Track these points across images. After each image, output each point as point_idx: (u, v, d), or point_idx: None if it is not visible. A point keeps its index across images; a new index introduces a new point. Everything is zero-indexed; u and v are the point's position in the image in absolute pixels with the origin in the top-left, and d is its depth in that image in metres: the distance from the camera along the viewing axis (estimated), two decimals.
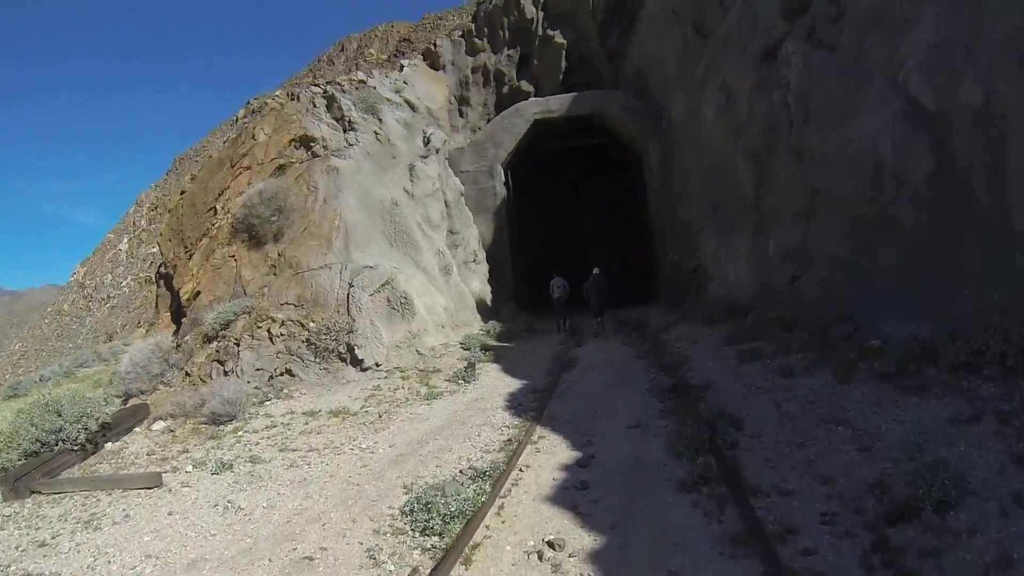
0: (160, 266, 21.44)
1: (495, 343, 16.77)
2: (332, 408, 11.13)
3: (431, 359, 13.90)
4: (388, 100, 21.22)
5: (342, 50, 71.29)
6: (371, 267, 14.87)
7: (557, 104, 24.99)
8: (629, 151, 26.27)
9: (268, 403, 12.50)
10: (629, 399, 9.94)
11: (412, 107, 22.30)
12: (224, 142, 40.52)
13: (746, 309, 14.02)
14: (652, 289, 26.30)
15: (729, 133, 17.46)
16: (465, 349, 15.09)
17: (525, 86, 29.47)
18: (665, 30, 23.33)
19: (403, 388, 12.09)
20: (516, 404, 10.37)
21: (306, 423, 10.53)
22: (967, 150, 9.08)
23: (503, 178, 24.97)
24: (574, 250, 33.51)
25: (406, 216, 17.54)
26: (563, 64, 29.12)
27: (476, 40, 29.65)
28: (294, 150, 18.08)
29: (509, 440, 8.57)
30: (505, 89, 29.56)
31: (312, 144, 17.96)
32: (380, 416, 10.47)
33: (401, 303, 14.27)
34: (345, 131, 19.13)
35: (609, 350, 14.83)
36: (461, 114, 29.23)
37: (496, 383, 12.28)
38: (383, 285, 14.22)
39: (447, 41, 29.91)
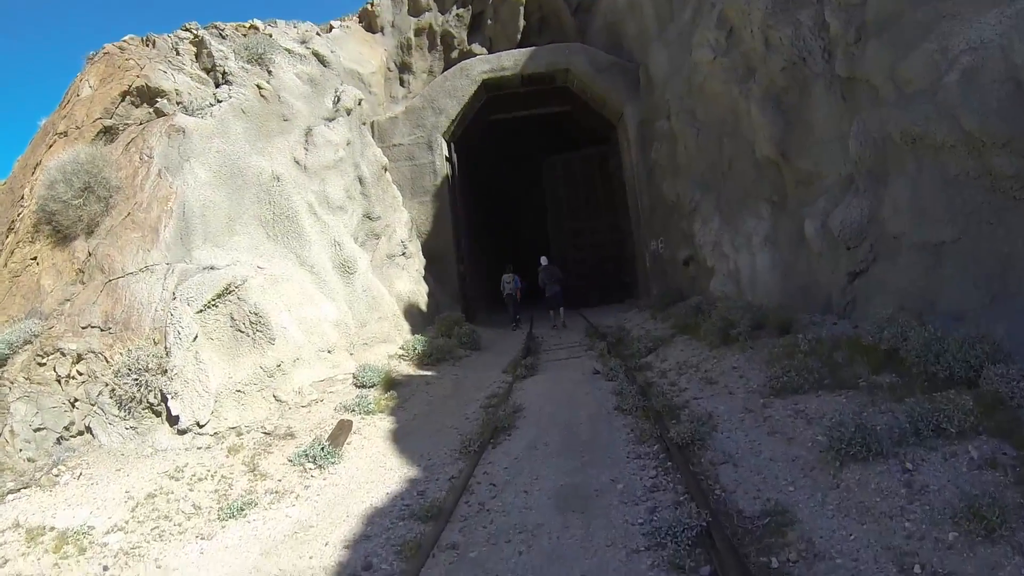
0: None
1: (413, 371, 11.96)
2: (68, 527, 6.21)
3: (293, 411, 8.99)
4: (288, 51, 16.21)
5: None
6: (212, 268, 9.96)
7: (511, 61, 20.15)
8: (600, 119, 21.54)
9: (23, 493, 7.59)
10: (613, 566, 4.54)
11: (323, 62, 17.30)
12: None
13: (779, 321, 9.33)
14: (632, 285, 21.66)
15: (733, 77, 12.89)
16: (358, 387, 10.27)
17: (477, 49, 24.48)
18: None
19: (213, 478, 7.18)
20: (367, 557, 5.22)
21: (3, 561, 5.65)
22: None
23: (445, 152, 20.11)
24: (536, 240, 28.92)
25: (290, 195, 12.62)
26: (521, 23, 24.14)
27: None
28: (131, 108, 13.03)
29: None
30: (454, 54, 24.56)
31: (158, 100, 12.94)
32: (119, 564, 5.57)
33: (251, 322, 9.37)
34: (217, 85, 14.15)
35: (571, 386, 9.90)
36: (402, 83, 24.19)
37: (367, 472, 7.24)
38: (219, 296, 9.29)
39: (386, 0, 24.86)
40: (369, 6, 24.60)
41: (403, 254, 16.84)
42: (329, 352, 10.98)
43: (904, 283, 7.79)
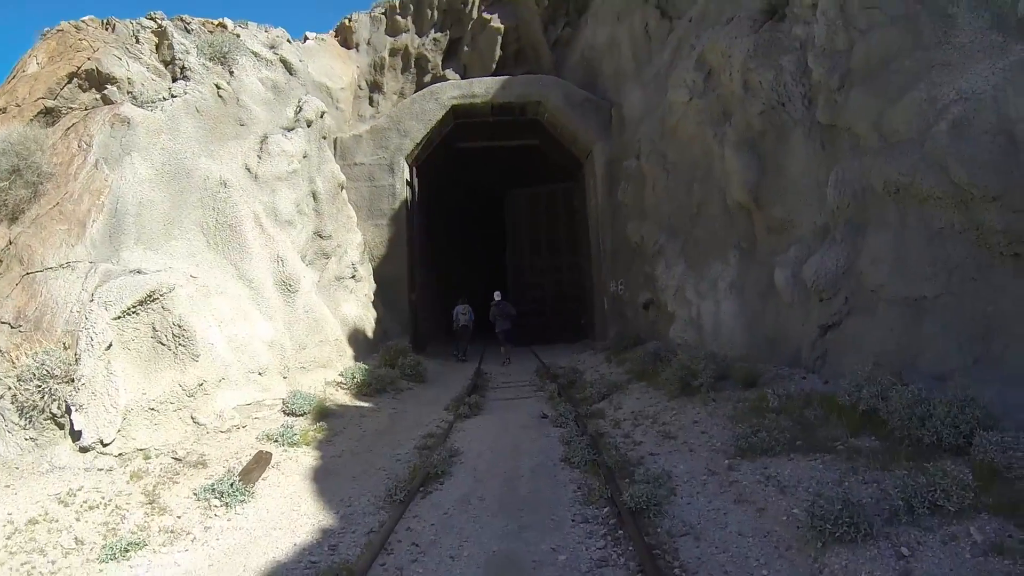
0: None
1: (349, 401, 11.09)
2: None
3: (210, 436, 8.02)
4: (254, 54, 15.43)
5: None
6: (138, 272, 9.02)
7: (482, 88, 19.68)
8: (568, 155, 21.15)
9: None
10: None
11: (290, 70, 16.52)
12: None
13: (744, 373, 8.76)
14: (589, 327, 21.08)
15: (708, 120, 12.58)
16: (287, 414, 9.36)
17: (451, 75, 24.04)
18: (622, 14, 18.55)
19: (106, 508, 6.20)
20: None
21: None
22: None
23: (406, 175, 19.44)
24: (495, 274, 28.39)
25: (236, 204, 11.75)
26: (497, 53, 23.82)
27: (399, 18, 24.18)
28: (77, 91, 12.10)
29: None
30: (427, 78, 24.08)
31: (108, 86, 12.04)
32: None
33: (175, 335, 8.41)
34: (174, 80, 13.30)
35: (517, 431, 9.12)
36: (371, 102, 23.59)
37: (278, 516, 6.39)
38: (141, 303, 8.34)
39: (365, 16, 24.34)
40: (346, 21, 24.09)
41: (353, 277, 15.99)
42: (260, 374, 10.04)
43: (881, 339, 7.28)
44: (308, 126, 14.86)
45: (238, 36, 15.58)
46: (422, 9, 24.32)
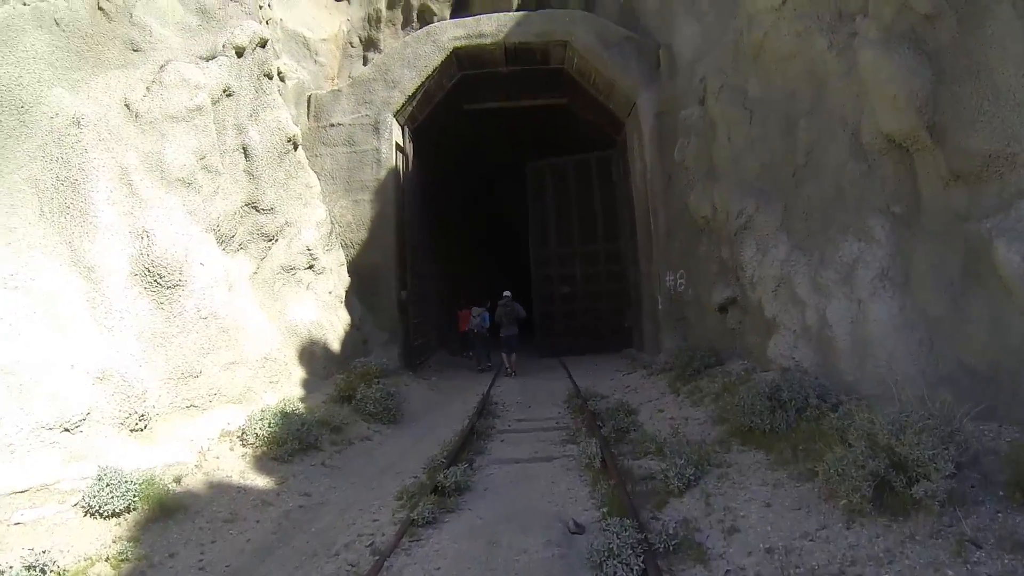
0: None
1: (235, 476, 6.57)
2: None
3: None
4: None
5: None
6: None
7: (492, 26, 15.12)
8: (605, 113, 16.51)
9: None
10: None
11: None
12: None
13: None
14: (634, 333, 16.49)
15: (815, 26, 8.69)
16: (88, 513, 4.96)
17: None
18: None
19: None
20: None
21: None
22: None
23: (396, 137, 15.01)
24: (515, 265, 23.96)
25: (88, 151, 7.53)
26: (516, 2, 19.35)
27: None
28: None
29: None
30: None
31: None
32: None
33: None
34: None
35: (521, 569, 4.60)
36: (365, 62, 19.24)
37: None
38: None
39: None
40: None
41: (310, 267, 11.63)
42: (68, 430, 5.68)
43: None
44: (238, 56, 10.48)
45: None
46: None
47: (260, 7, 13.48)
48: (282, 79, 14.09)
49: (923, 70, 6.62)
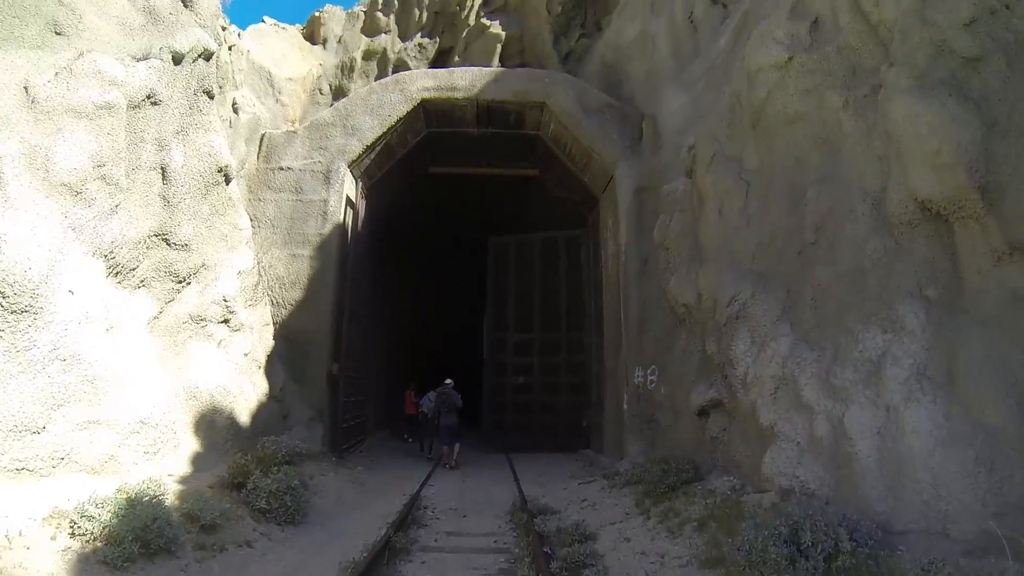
0: None
1: None
2: None
3: None
4: None
5: None
6: None
7: (466, 80, 13.94)
8: (578, 188, 15.25)
9: None
10: None
11: (187, 2, 10.44)
12: None
13: None
14: (594, 433, 14.68)
15: (827, 82, 7.69)
16: None
17: None
18: (657, 4, 13.61)
19: None
20: None
21: None
22: None
23: (348, 189, 13.46)
24: (468, 345, 22.32)
25: None
26: (495, 64, 18.49)
27: (379, 15, 19.14)
28: None
29: None
30: None
31: None
32: None
33: None
34: None
35: None
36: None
37: None
38: None
39: (338, 10, 19.22)
40: (317, 13, 18.89)
41: (225, 321, 9.76)
42: None
43: None
44: (175, 63, 8.94)
45: None
46: (409, 8, 19.38)
47: (223, 28, 12.17)
48: (235, 111, 12.65)
49: (971, 120, 5.44)
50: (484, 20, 19.22)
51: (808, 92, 7.74)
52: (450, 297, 27.21)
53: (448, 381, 14.39)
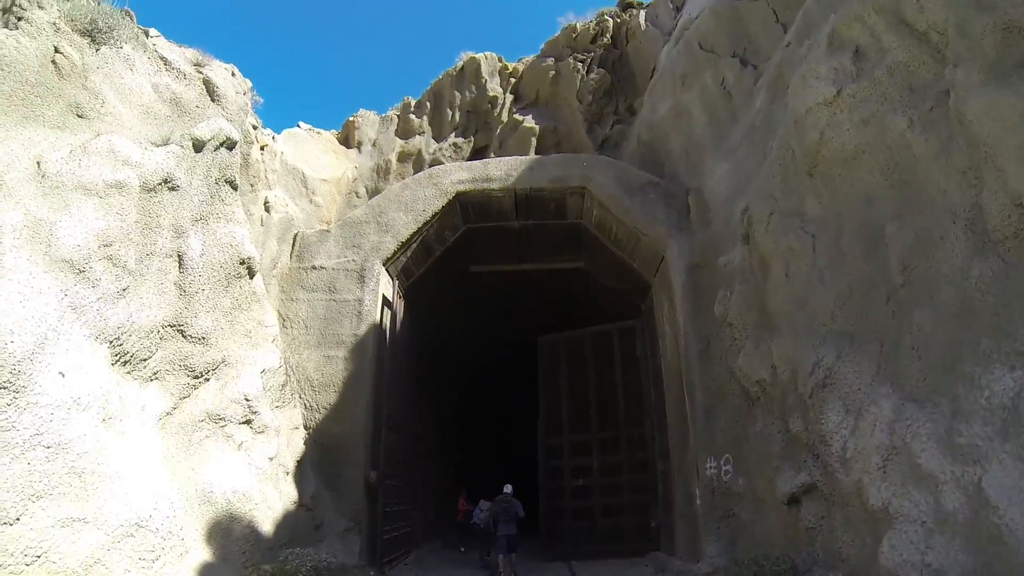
0: None
1: None
2: None
3: None
4: (162, 59, 9.53)
5: None
6: None
7: (501, 170, 13.59)
8: (628, 275, 14.43)
9: None
10: None
11: (213, 94, 10.41)
12: None
13: None
14: (663, 533, 13.10)
15: (886, 107, 6.55)
16: None
17: None
18: (688, 77, 13.12)
19: None
20: None
21: None
22: None
23: (384, 288, 12.90)
24: (521, 450, 21.07)
25: None
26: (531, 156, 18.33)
27: (413, 117, 19.35)
28: None
29: None
30: None
31: None
32: None
33: None
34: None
35: None
36: None
37: None
38: None
39: (372, 115, 19.62)
40: (352, 118, 19.25)
41: (247, 422, 9.01)
42: None
43: None
44: (195, 150, 8.69)
45: (146, 34, 9.97)
46: (441, 109, 19.53)
47: (255, 127, 12.18)
48: (267, 210, 12.44)
49: None
50: (516, 115, 19.19)
51: (865, 122, 6.96)
52: (500, 398, 26.15)
53: (507, 489, 13.10)
